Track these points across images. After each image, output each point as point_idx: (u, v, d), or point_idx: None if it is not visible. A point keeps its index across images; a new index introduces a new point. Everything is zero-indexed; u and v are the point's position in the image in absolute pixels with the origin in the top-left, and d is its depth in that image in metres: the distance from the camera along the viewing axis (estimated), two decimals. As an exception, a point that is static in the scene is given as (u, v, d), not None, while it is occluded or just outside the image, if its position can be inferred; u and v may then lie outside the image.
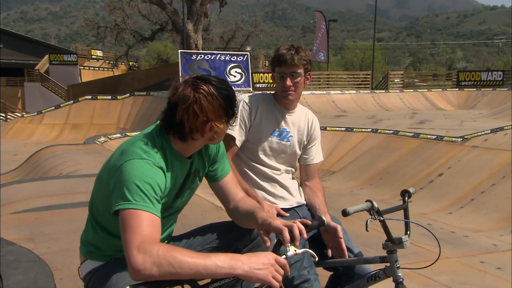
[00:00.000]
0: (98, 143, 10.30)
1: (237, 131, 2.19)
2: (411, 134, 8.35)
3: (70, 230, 4.00)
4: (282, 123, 2.26)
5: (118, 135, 11.50)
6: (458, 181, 6.30)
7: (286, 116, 2.26)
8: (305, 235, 1.46)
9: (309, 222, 1.51)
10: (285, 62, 2.10)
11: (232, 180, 1.83)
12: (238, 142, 2.20)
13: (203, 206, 4.99)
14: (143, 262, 1.28)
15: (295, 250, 1.43)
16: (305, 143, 2.33)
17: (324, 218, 1.56)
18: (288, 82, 2.11)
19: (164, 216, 1.67)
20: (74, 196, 5.32)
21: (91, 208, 1.67)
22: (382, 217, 1.64)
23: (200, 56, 13.00)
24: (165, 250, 1.30)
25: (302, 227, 1.46)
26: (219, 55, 13.21)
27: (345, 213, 1.62)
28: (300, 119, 2.31)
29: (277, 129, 2.25)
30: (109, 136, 11.21)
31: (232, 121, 1.58)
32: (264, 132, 2.22)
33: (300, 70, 2.13)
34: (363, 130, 9.49)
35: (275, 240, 1.47)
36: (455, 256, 4.14)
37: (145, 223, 1.37)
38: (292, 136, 2.28)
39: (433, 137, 7.82)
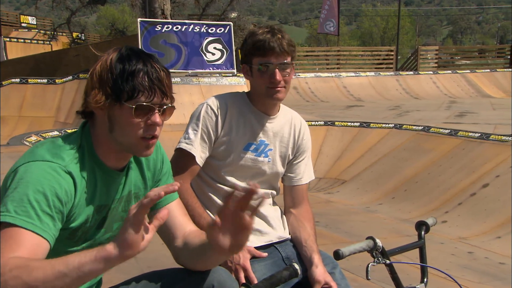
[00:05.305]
0: (28, 144, 10.20)
1: (197, 146, 2.18)
2: (447, 131, 8.39)
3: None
4: (260, 133, 2.25)
5: (57, 132, 11.39)
6: (509, 194, 6.33)
7: (265, 123, 2.26)
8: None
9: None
10: (272, 50, 2.12)
11: (179, 209, 1.84)
12: (200, 160, 2.20)
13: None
14: None
15: None
16: (291, 157, 2.34)
17: (296, 267, 1.54)
18: (278, 76, 2.13)
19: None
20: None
21: None
22: (389, 259, 1.63)
23: (167, 27, 12.89)
24: (15, 263, 1.33)
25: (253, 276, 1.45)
26: (192, 26, 13.12)
27: (338, 256, 1.61)
28: (284, 126, 2.31)
29: (252, 142, 2.24)
30: (44, 134, 11.10)
31: (123, 100, 1.57)
32: (235, 146, 2.21)
33: (289, 59, 2.16)
34: (384, 125, 9.53)
35: None
36: (504, 297, 4.16)
37: (17, 242, 1.39)
38: (271, 149, 2.28)
39: (477, 135, 7.87)
